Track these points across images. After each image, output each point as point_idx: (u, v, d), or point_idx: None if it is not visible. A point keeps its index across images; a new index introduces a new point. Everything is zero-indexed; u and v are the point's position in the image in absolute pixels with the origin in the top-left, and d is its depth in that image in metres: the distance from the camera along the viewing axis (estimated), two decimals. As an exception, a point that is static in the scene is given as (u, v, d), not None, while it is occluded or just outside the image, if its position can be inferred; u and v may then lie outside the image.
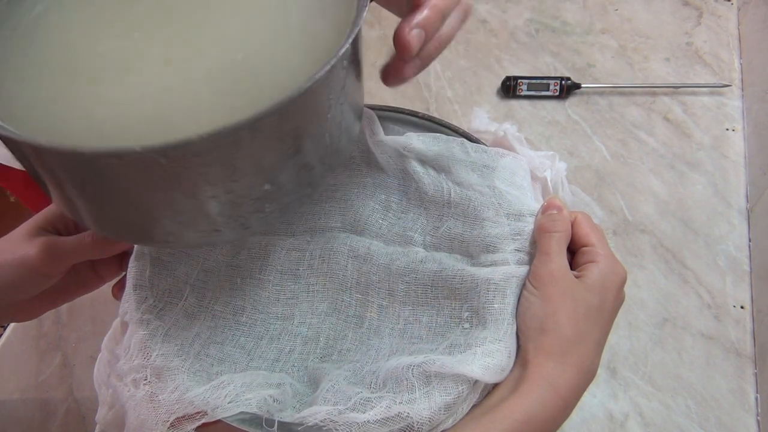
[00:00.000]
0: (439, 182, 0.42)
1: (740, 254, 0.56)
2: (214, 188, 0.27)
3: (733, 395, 0.50)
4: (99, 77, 0.28)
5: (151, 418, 0.34)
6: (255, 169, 0.27)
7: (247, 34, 0.30)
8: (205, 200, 0.27)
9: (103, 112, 0.27)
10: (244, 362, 0.39)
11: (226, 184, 0.27)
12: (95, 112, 0.27)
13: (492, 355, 0.34)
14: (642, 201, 0.60)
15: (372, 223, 0.44)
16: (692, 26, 0.72)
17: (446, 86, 0.70)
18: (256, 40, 0.30)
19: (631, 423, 0.49)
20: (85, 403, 0.55)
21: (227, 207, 0.28)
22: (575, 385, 0.34)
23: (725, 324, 0.53)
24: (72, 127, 0.27)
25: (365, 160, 0.45)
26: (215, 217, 0.29)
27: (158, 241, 0.31)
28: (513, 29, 0.74)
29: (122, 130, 0.26)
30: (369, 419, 0.33)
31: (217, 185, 0.27)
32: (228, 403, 0.34)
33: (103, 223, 0.31)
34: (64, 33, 0.30)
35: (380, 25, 0.75)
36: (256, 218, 0.30)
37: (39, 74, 0.29)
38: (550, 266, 0.36)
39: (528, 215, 0.39)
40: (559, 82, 0.66)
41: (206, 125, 0.24)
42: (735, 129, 0.64)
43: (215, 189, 0.27)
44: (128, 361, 0.37)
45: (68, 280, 0.40)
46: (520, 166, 0.42)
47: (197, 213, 0.28)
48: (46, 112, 0.27)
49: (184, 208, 0.28)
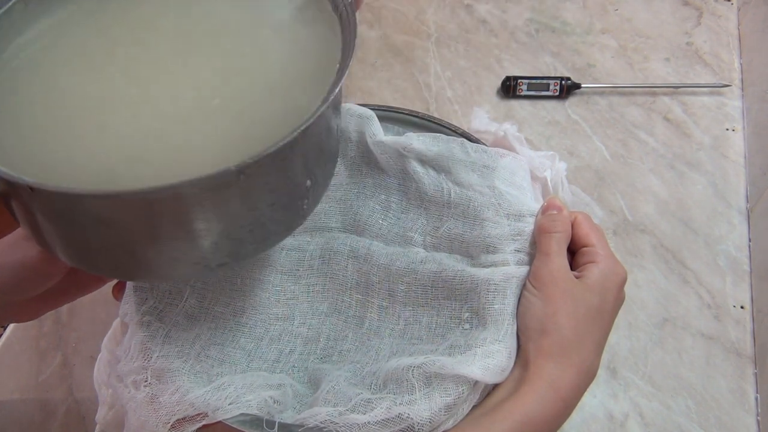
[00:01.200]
0: (439, 182, 0.42)
1: (740, 254, 0.56)
2: (178, 235, 0.27)
3: (733, 395, 0.50)
4: (78, 116, 0.29)
5: (151, 419, 0.34)
6: (239, 211, 0.27)
7: (225, 79, 0.30)
8: (171, 242, 0.27)
9: (82, 150, 0.27)
10: (244, 363, 0.39)
11: (197, 232, 0.27)
12: (75, 149, 0.27)
13: (492, 356, 0.34)
14: (642, 201, 0.60)
15: (372, 223, 0.44)
16: (692, 26, 0.72)
17: (446, 86, 0.70)
18: (234, 86, 0.29)
19: (631, 423, 0.49)
20: (85, 403, 0.55)
21: (198, 248, 0.28)
22: (575, 386, 0.34)
23: (725, 324, 0.53)
24: (53, 166, 0.27)
25: (365, 160, 0.45)
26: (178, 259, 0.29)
27: (131, 277, 0.32)
28: (513, 29, 0.74)
29: (101, 168, 0.27)
30: (369, 420, 0.33)
31: (183, 232, 0.27)
32: (228, 404, 0.34)
33: (78, 258, 0.31)
34: (48, 73, 0.30)
35: (380, 25, 0.75)
36: (230, 259, 0.30)
37: (22, 113, 0.29)
38: (551, 267, 0.36)
39: (528, 215, 0.39)
40: (559, 82, 0.66)
41: (179, 169, 0.24)
42: (735, 129, 0.64)
43: (181, 235, 0.27)
44: (128, 363, 0.37)
45: (68, 280, 0.40)
46: (520, 167, 0.42)
47: (169, 252, 0.28)
48: (28, 150, 0.27)
49: (156, 248, 0.28)
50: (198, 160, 0.26)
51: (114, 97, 0.29)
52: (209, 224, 0.27)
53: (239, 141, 0.27)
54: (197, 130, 0.28)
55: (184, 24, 0.32)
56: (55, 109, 0.29)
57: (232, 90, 0.29)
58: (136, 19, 0.32)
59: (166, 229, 0.26)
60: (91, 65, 0.31)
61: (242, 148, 0.26)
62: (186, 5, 0.33)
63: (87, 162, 0.27)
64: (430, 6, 0.77)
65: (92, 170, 0.26)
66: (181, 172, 0.23)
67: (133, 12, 0.33)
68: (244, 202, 0.27)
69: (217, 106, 0.29)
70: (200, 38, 0.32)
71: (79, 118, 0.28)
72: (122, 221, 0.26)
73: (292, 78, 0.30)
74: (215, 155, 0.27)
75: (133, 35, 0.32)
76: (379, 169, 0.45)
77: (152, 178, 0.24)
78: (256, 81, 0.30)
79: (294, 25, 0.32)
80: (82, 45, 0.31)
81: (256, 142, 0.26)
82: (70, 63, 0.31)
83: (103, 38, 0.32)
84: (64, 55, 0.31)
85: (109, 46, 0.31)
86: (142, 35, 0.32)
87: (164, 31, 0.32)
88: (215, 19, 0.33)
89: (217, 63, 0.31)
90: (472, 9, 0.76)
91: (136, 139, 0.27)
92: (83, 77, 0.30)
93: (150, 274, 0.32)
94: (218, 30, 0.32)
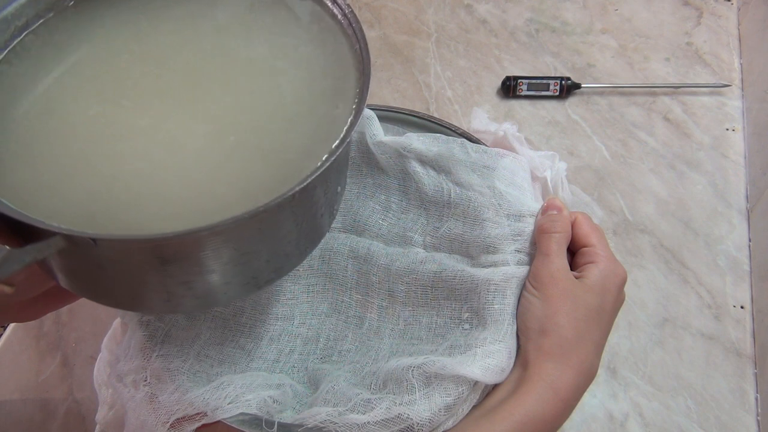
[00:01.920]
0: (440, 183, 0.42)
1: (740, 254, 0.56)
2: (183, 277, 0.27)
3: (733, 395, 0.50)
4: (90, 149, 0.28)
5: (151, 419, 0.34)
6: (256, 247, 0.28)
7: (239, 115, 0.30)
8: (174, 284, 0.28)
9: (103, 189, 0.27)
10: (244, 363, 0.39)
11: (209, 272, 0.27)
12: (96, 187, 0.27)
13: (492, 356, 0.34)
14: (642, 201, 0.60)
15: (372, 223, 0.44)
16: (692, 26, 0.72)
17: (446, 86, 0.70)
18: (249, 122, 0.29)
19: (631, 423, 0.49)
20: (85, 403, 0.55)
21: (208, 286, 0.28)
22: (575, 386, 0.34)
23: (725, 324, 0.53)
24: (63, 202, 0.26)
25: (365, 160, 0.45)
26: (176, 292, 0.29)
27: (136, 309, 0.32)
28: (513, 29, 0.74)
29: (123, 207, 0.26)
30: (369, 420, 0.33)
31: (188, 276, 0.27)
32: (228, 404, 0.34)
33: (130, 303, 0.31)
34: (64, 109, 0.30)
35: (380, 25, 0.75)
36: (248, 288, 0.30)
37: (38, 151, 0.28)
38: (550, 267, 0.36)
39: (528, 216, 0.39)
40: (559, 82, 0.66)
41: (195, 208, 0.24)
42: (735, 129, 0.64)
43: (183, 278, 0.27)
44: (128, 362, 0.37)
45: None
46: (520, 167, 0.42)
47: (167, 289, 0.28)
48: (46, 189, 0.27)
49: (161, 287, 0.28)
50: (224, 193, 0.27)
51: (129, 133, 0.29)
52: (262, 246, 0.28)
53: (261, 169, 0.28)
54: (218, 165, 0.28)
55: (196, 58, 0.32)
56: (73, 148, 0.28)
57: (250, 123, 0.29)
58: (149, 54, 0.32)
59: (225, 257, 0.27)
60: (106, 100, 0.30)
61: (265, 176, 0.27)
62: (197, 40, 0.33)
63: (109, 200, 0.26)
64: (430, 6, 0.77)
65: (115, 208, 0.26)
66: (210, 207, 0.24)
67: (146, 47, 0.32)
68: (294, 221, 0.28)
69: (235, 141, 0.29)
70: (214, 72, 0.31)
71: (98, 156, 0.28)
72: (184, 258, 0.26)
73: (308, 107, 0.30)
74: (240, 187, 0.27)
75: (146, 70, 0.31)
76: (379, 169, 0.45)
77: (180, 214, 0.25)
78: (272, 120, 0.30)
79: (306, 49, 0.32)
80: (95, 81, 0.31)
81: (281, 166, 0.27)
82: (84, 99, 0.30)
83: (116, 74, 0.31)
84: (77, 90, 0.30)
85: (122, 81, 0.31)
86: (155, 70, 0.31)
87: (177, 66, 0.31)
88: (227, 52, 0.32)
89: (232, 97, 0.30)
90: (472, 9, 0.76)
91: (157, 178, 0.27)
92: (99, 112, 0.30)
93: (203, 304, 0.32)
94: (231, 63, 0.32)
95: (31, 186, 0.27)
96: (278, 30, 0.33)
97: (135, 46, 0.32)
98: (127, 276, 0.27)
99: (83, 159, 0.28)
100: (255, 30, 0.33)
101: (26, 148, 0.28)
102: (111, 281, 0.28)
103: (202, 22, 0.33)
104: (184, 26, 0.33)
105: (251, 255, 0.28)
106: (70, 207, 0.26)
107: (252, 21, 0.33)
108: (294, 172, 0.26)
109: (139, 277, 0.27)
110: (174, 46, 0.32)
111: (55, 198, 0.26)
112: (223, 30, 0.33)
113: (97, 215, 0.26)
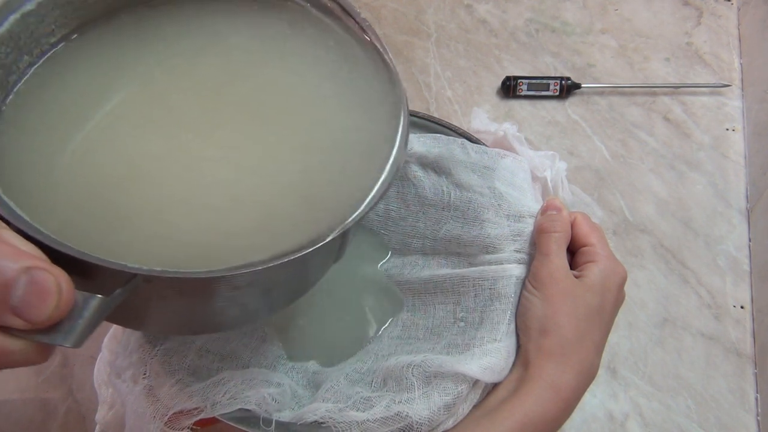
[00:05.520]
0: (440, 185, 0.42)
1: (740, 254, 0.56)
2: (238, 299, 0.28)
3: (733, 395, 0.50)
4: (161, 190, 0.28)
5: (149, 412, 0.34)
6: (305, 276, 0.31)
7: (305, 150, 0.30)
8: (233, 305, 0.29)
9: (168, 225, 0.27)
10: (245, 360, 0.39)
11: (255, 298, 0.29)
12: (160, 223, 0.27)
13: (490, 355, 0.34)
14: (642, 201, 0.60)
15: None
16: (692, 26, 0.72)
17: (446, 86, 0.70)
18: (314, 157, 0.30)
19: (631, 423, 0.49)
20: (85, 403, 0.55)
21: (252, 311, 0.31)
22: (576, 386, 0.34)
23: (725, 324, 0.53)
24: (138, 242, 0.26)
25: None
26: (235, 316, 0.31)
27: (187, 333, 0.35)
28: (513, 29, 0.74)
29: (188, 243, 0.26)
30: (368, 418, 0.33)
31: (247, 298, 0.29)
32: (227, 399, 0.34)
33: (178, 330, 0.34)
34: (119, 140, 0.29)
35: (380, 25, 0.75)
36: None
37: (98, 183, 0.28)
38: (550, 267, 0.36)
39: (528, 216, 0.39)
40: (559, 82, 0.66)
41: (267, 240, 0.26)
42: (735, 129, 0.64)
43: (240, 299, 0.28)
44: (128, 357, 0.37)
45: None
46: (520, 167, 0.42)
47: (224, 311, 0.30)
48: (105, 223, 0.27)
49: (213, 312, 0.29)
50: (277, 228, 0.27)
51: (190, 169, 0.29)
52: (299, 274, 0.30)
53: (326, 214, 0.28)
54: (273, 206, 0.28)
55: (247, 95, 0.31)
56: (129, 184, 0.27)
57: (312, 162, 0.30)
58: (199, 87, 0.31)
59: (271, 285, 0.29)
60: (162, 133, 0.29)
61: (313, 213, 0.28)
62: (246, 74, 0.32)
63: (172, 236, 0.26)
64: (430, 6, 0.76)
65: (181, 245, 0.26)
66: (268, 243, 0.25)
67: (196, 79, 0.31)
68: (326, 254, 0.31)
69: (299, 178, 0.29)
70: (264, 110, 0.31)
71: (161, 191, 0.28)
72: (252, 284, 0.27)
73: (358, 151, 0.30)
74: (289, 224, 0.28)
75: (196, 104, 0.30)
76: None
77: (245, 248, 0.26)
78: (335, 154, 0.30)
79: (355, 83, 0.32)
80: (147, 113, 0.30)
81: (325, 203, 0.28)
82: (140, 132, 0.29)
83: (167, 109, 0.30)
84: (131, 121, 0.30)
85: (175, 116, 0.30)
86: (206, 105, 0.31)
87: (228, 103, 0.31)
88: (275, 89, 0.32)
89: (280, 138, 0.30)
90: (472, 9, 0.76)
91: (217, 211, 0.28)
92: (158, 147, 0.29)
93: (248, 321, 0.35)
94: (280, 101, 0.31)
95: (90, 226, 0.26)
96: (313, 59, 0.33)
97: (185, 81, 0.31)
98: (190, 306, 0.28)
99: (148, 199, 0.27)
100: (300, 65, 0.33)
101: (93, 189, 0.27)
102: (169, 312, 0.29)
103: (240, 54, 0.32)
104: (225, 60, 0.32)
105: (295, 278, 0.30)
106: (138, 242, 0.26)
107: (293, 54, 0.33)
108: (335, 213, 0.27)
109: (200, 306, 0.28)
110: (222, 79, 0.32)
111: (123, 233, 0.26)
112: (269, 64, 0.33)
113: (174, 256, 0.26)
